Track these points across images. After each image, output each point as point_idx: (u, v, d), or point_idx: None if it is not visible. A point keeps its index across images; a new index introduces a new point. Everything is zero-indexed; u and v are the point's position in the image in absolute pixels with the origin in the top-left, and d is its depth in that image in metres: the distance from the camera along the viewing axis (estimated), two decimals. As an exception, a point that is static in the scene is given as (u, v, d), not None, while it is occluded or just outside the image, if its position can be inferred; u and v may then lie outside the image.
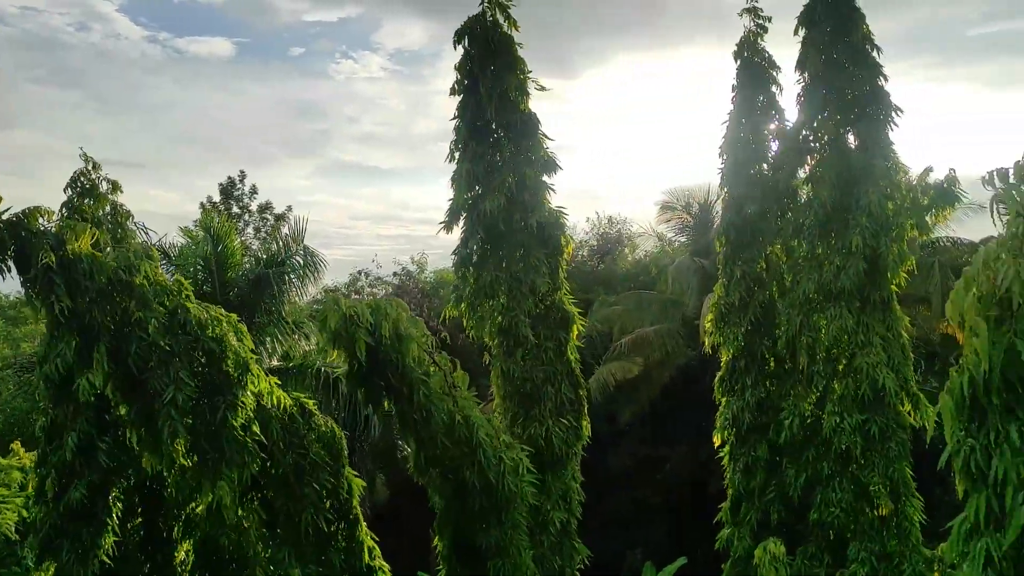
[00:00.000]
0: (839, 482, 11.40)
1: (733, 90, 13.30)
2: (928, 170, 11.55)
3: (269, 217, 31.21)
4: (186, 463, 8.13)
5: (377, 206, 76.00)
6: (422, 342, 8.61)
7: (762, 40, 13.16)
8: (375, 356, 8.25)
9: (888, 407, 11.23)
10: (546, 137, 12.00)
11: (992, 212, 4.88)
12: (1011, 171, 4.75)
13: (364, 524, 9.29)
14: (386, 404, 8.79)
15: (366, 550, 9.14)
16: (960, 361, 4.79)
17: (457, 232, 12.09)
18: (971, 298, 4.67)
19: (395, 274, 31.87)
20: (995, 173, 4.79)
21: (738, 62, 13.17)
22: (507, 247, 11.75)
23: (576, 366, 12.26)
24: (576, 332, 12.23)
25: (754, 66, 13.13)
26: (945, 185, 11.01)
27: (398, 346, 8.31)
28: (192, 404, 7.76)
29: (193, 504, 9.57)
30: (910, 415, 11.45)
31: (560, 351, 11.93)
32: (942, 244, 22.65)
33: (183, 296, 8.05)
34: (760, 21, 13.12)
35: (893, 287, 11.58)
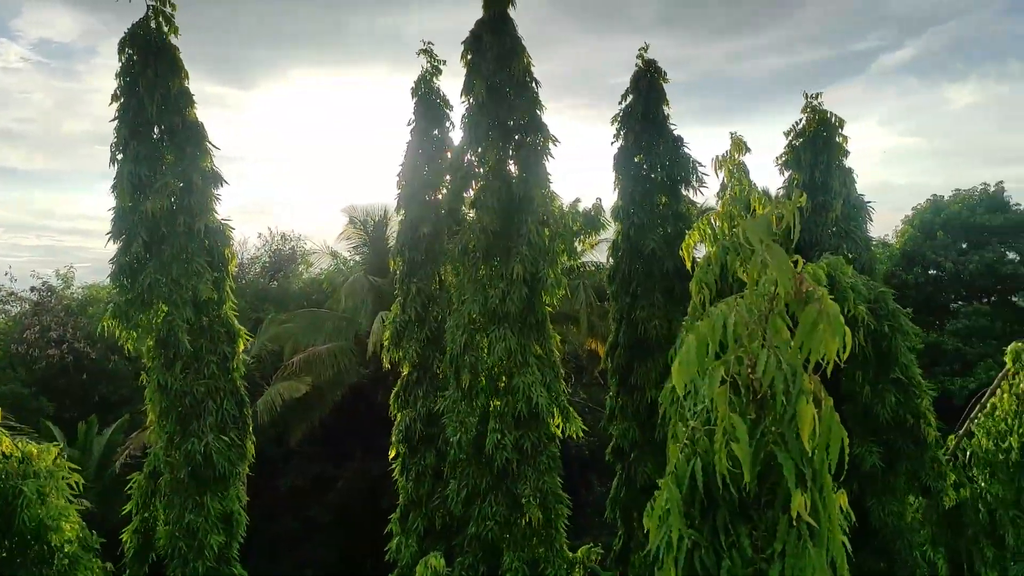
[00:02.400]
0: (495, 496, 11.89)
1: (411, 123, 14.24)
2: (578, 200, 13.05)
3: None
4: None
5: (13, 213, 66.35)
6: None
7: (437, 80, 14.20)
8: None
9: (541, 422, 12.00)
10: (213, 146, 11.84)
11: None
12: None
13: None
14: None
15: None
16: (688, 443, 4.21)
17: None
18: (722, 388, 3.91)
19: (34, 289, 28.24)
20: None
21: (415, 99, 14.20)
22: (169, 252, 11.26)
23: (241, 383, 12.00)
24: (242, 347, 12.02)
25: (429, 103, 14.20)
26: (592, 213, 12.49)
27: None
28: None
29: None
30: (558, 427, 12.39)
31: (224, 366, 11.64)
32: (587, 268, 25.34)
33: None
34: (435, 63, 14.18)
35: (548, 308, 12.68)
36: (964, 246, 27.88)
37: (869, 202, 12.33)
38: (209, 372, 11.41)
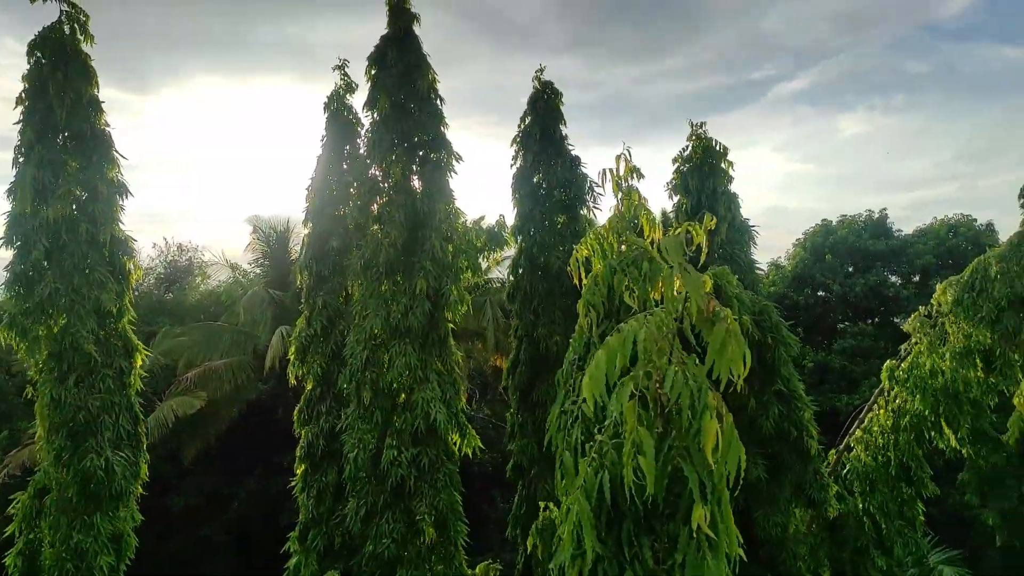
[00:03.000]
0: (393, 513, 11.78)
1: (323, 139, 14.16)
2: (482, 217, 13.16)
3: None
4: None
5: None
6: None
7: (350, 97, 14.19)
8: None
9: (439, 439, 11.97)
10: (121, 156, 11.60)
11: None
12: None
13: None
14: None
15: None
16: (596, 456, 4.26)
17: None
18: (631, 403, 4.01)
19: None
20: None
21: (327, 113, 14.12)
22: (71, 261, 10.88)
23: (136, 399, 11.67)
24: (140, 362, 11.71)
25: (342, 119, 14.12)
26: (496, 229, 12.62)
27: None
28: None
29: None
30: (456, 444, 12.40)
31: (121, 381, 11.31)
32: (494, 284, 25.49)
33: None
34: (348, 80, 14.14)
35: (451, 324, 12.70)
36: (851, 269, 29.32)
37: (753, 226, 12.88)
38: (105, 387, 11.06)
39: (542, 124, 13.51)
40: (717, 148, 12.25)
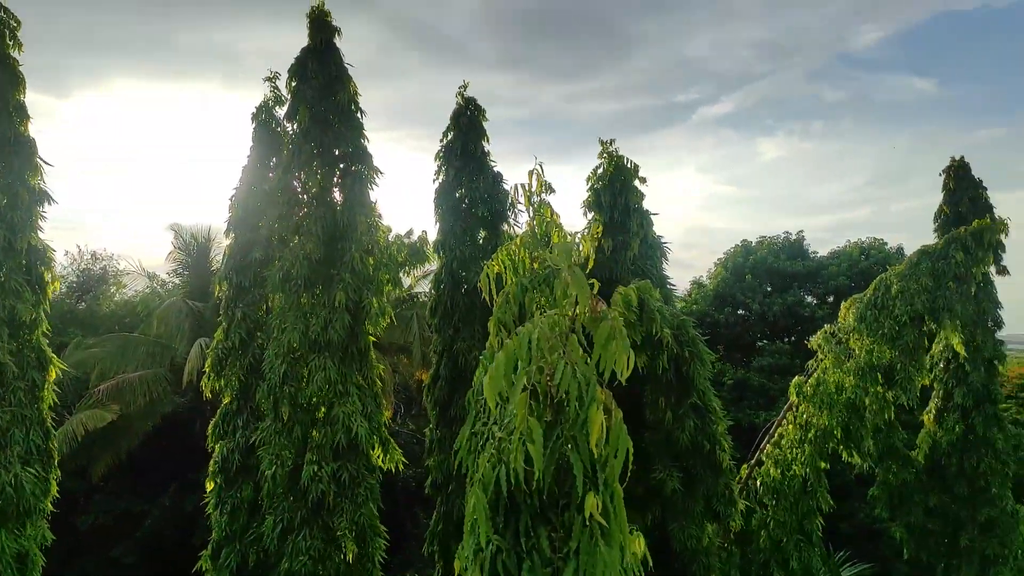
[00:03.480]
0: (310, 530, 11.58)
1: (249, 149, 14.05)
2: (410, 232, 13.13)
3: None
4: None
5: None
6: None
7: (279, 108, 14.09)
8: None
9: (361, 454, 11.83)
10: (45, 163, 11.41)
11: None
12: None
13: None
14: None
15: None
16: (494, 452, 4.42)
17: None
18: (522, 395, 4.20)
19: None
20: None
21: (255, 124, 14.03)
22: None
23: (48, 413, 11.37)
24: (53, 375, 11.47)
25: (269, 131, 14.01)
26: (418, 245, 12.61)
27: None
28: None
29: None
30: (378, 459, 12.29)
31: (34, 394, 11.05)
32: (420, 298, 25.38)
33: None
34: (278, 93, 14.08)
35: (372, 338, 12.60)
36: (769, 289, 30.19)
37: (666, 243, 13.18)
38: (16, 400, 10.79)
39: (464, 140, 13.56)
40: (628, 166, 12.52)
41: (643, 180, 12.51)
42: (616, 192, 12.36)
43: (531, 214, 6.26)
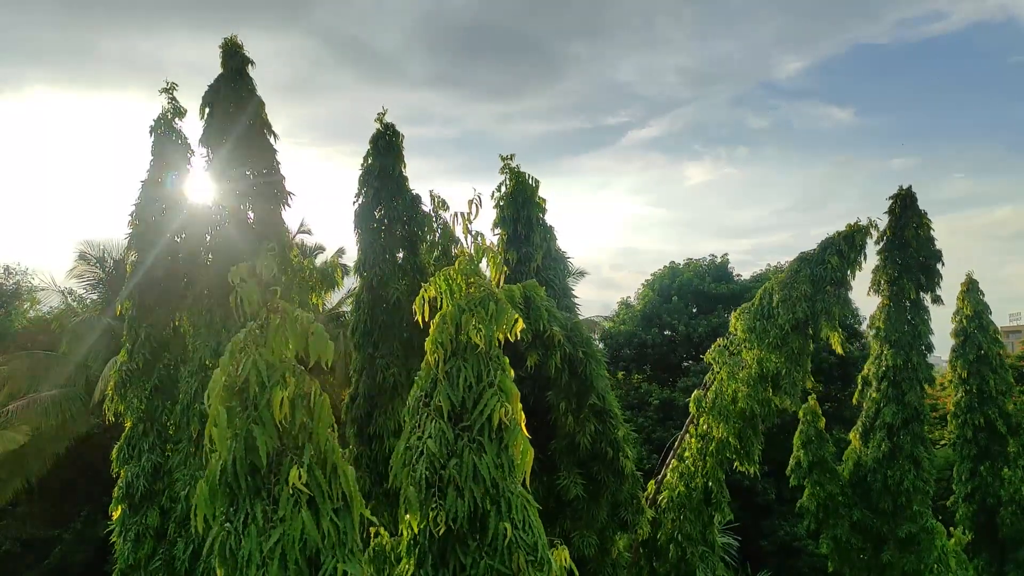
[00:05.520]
0: None
1: (150, 164, 13.62)
2: (341, 250, 13.00)
3: None
4: None
5: None
6: None
7: (179, 120, 13.84)
8: None
9: None
10: None
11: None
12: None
13: None
14: None
15: None
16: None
17: None
18: (218, 387, 4.94)
19: None
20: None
21: (153, 136, 13.67)
22: None
23: None
24: None
25: (168, 143, 13.68)
26: (329, 269, 12.55)
27: None
28: None
29: None
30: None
31: None
32: (347, 318, 25.06)
33: None
34: (176, 104, 13.83)
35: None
36: (695, 311, 30.76)
37: (569, 257, 13.55)
38: None
39: (383, 162, 13.70)
40: (530, 181, 12.77)
41: (543, 201, 12.81)
42: (519, 206, 12.61)
43: (468, 242, 6.67)
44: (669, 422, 26.92)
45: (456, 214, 11.27)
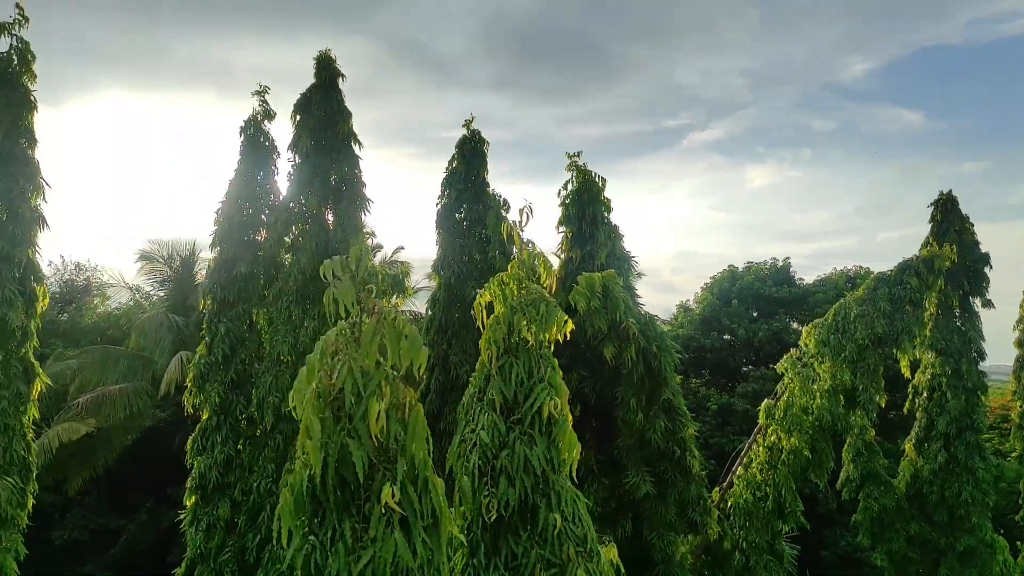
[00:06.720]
0: None
1: (238, 163, 14.11)
2: (399, 248, 13.19)
3: None
4: None
5: None
6: None
7: (268, 123, 14.38)
8: None
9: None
10: (46, 184, 11.88)
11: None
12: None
13: None
14: None
15: None
16: (301, 456, 4.73)
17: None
18: (310, 394, 4.58)
19: None
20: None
21: (243, 138, 14.16)
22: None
23: (31, 427, 11.46)
24: (39, 388, 11.66)
25: (257, 145, 14.19)
26: (400, 277, 12.64)
27: None
28: None
29: None
30: None
31: (18, 407, 11.19)
32: (418, 315, 25.17)
33: None
34: (267, 107, 14.38)
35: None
36: (755, 314, 30.26)
37: (633, 257, 13.33)
38: (0, 408, 10.95)
39: (467, 167, 14.11)
40: (596, 179, 12.68)
41: (608, 201, 12.73)
42: (584, 204, 12.55)
43: (520, 249, 6.64)
44: (728, 427, 26.52)
45: (511, 222, 11.34)
